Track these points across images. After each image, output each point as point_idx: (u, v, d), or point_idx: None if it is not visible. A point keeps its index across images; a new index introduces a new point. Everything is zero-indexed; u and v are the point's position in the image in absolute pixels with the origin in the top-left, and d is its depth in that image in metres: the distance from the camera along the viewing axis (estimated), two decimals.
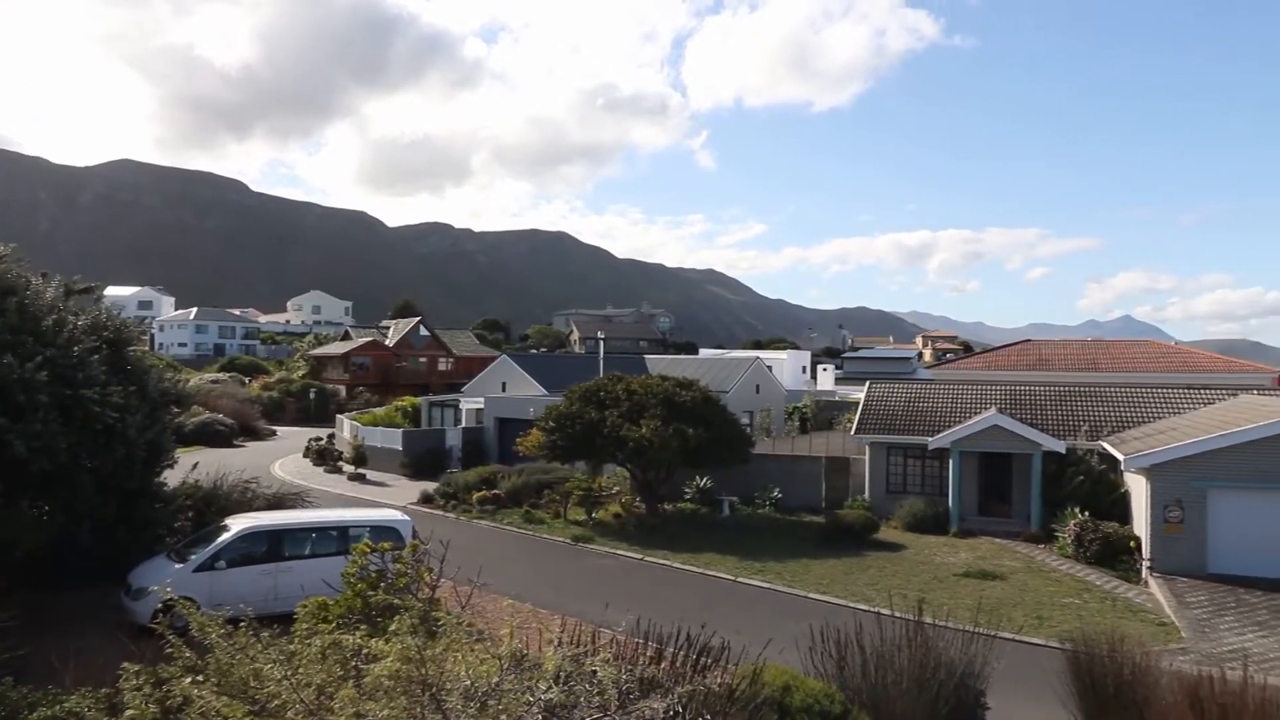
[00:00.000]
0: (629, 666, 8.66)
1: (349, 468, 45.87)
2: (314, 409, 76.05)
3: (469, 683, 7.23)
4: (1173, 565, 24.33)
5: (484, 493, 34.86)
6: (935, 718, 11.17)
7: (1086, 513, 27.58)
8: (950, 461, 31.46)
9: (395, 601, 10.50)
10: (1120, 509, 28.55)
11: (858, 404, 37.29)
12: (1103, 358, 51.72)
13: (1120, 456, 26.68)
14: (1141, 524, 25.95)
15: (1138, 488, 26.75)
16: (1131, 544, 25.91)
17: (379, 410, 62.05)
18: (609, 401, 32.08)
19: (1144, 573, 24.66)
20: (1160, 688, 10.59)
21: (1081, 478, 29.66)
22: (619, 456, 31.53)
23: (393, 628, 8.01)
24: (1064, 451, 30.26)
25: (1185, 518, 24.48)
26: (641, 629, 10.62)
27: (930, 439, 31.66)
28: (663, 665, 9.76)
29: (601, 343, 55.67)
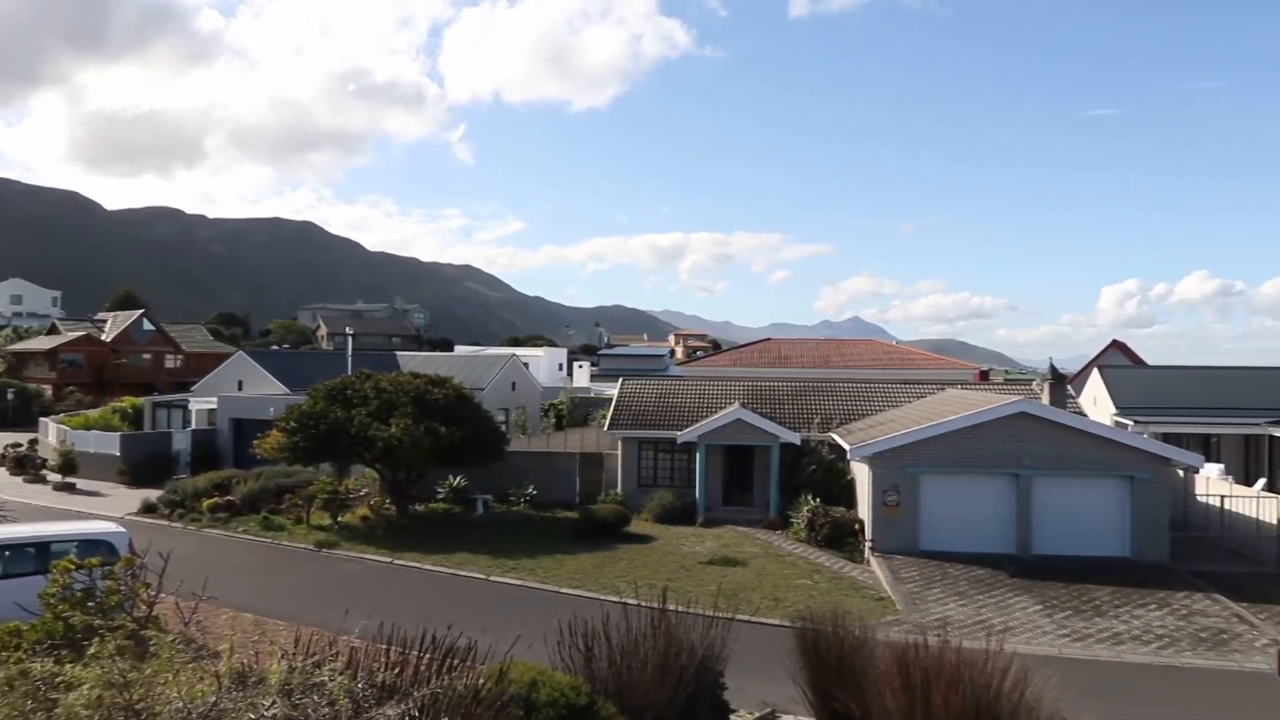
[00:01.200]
0: (365, 674, 8.26)
1: (55, 476, 41.10)
2: (12, 412, 67.67)
3: (182, 705, 6.60)
4: (891, 545, 26.67)
5: (216, 499, 32.40)
6: (677, 701, 11.52)
7: (818, 499, 29.67)
8: (697, 455, 32.80)
9: (98, 623, 9.43)
10: (848, 495, 30.94)
11: (612, 400, 38.05)
12: (834, 355, 55.96)
13: (847, 447, 28.93)
14: (865, 508, 28.25)
15: (862, 475, 29.10)
16: (856, 527, 28.16)
17: (93, 412, 56.10)
18: (357, 400, 30.77)
19: (867, 553, 26.86)
20: (876, 657, 11.51)
21: (814, 467, 31.89)
22: (367, 457, 30.33)
23: (91, 651, 7.18)
24: (799, 443, 32.42)
25: (901, 501, 26.90)
26: (384, 634, 10.19)
27: (679, 433, 32.86)
28: (405, 670, 9.40)
29: (350, 339, 53.35)
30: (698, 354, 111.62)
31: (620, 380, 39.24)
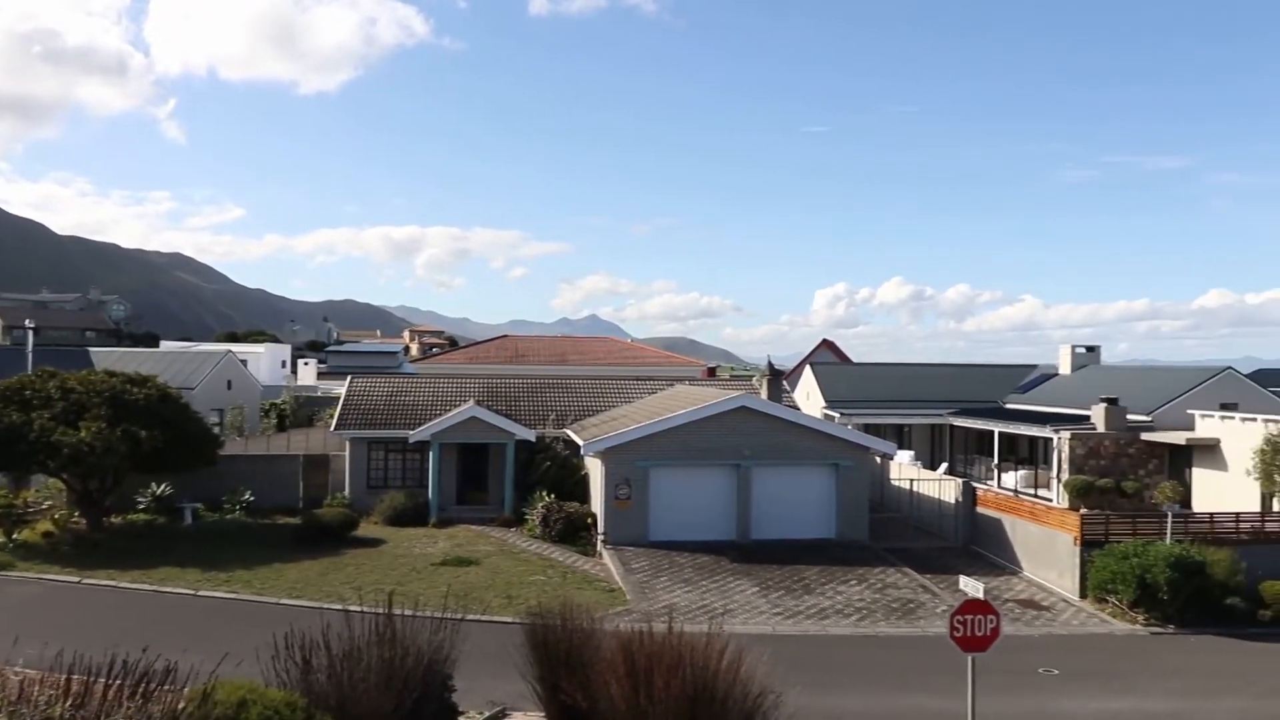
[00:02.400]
0: (34, 709, 7.24)
1: None
2: None
3: None
4: (623, 537, 27.36)
5: None
6: (402, 707, 11.11)
7: (553, 495, 29.88)
8: (431, 454, 32.01)
9: None
10: (582, 490, 31.40)
11: (340, 399, 36.28)
12: (571, 352, 56.70)
13: (581, 442, 29.36)
14: (598, 502, 28.80)
15: (595, 470, 29.63)
16: (589, 521, 28.63)
17: None
18: (38, 402, 27.24)
19: (599, 546, 27.39)
20: (603, 648, 11.70)
21: (549, 463, 32.09)
22: (51, 465, 26.94)
23: None
24: (534, 440, 32.50)
25: (632, 494, 27.67)
26: (64, 662, 9.00)
27: (411, 432, 31.91)
28: (89, 700, 8.36)
29: (31, 333, 47.21)
30: (433, 351, 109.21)
31: (349, 378, 37.53)
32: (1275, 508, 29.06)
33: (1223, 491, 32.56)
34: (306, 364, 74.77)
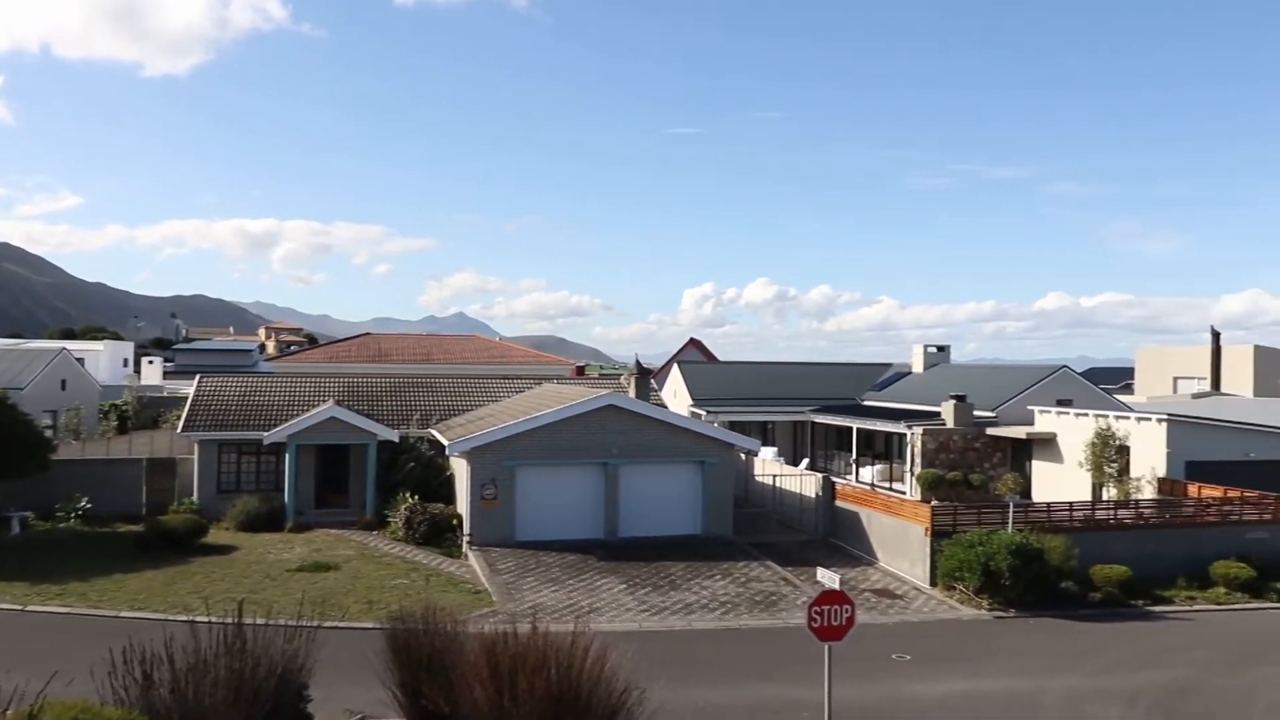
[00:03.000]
0: None
1: None
2: None
3: None
4: (489, 538, 26.99)
5: None
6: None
7: (417, 497, 29.18)
8: (287, 456, 30.76)
9: None
10: (447, 490, 30.80)
11: (188, 399, 34.42)
12: (436, 351, 55.56)
13: (446, 442, 28.80)
14: (464, 503, 28.30)
15: (461, 470, 29.12)
16: (455, 522, 28.13)
17: None
18: None
19: (465, 547, 26.93)
20: (466, 651, 11.48)
21: (413, 464, 31.34)
22: None
23: None
24: (398, 440, 31.68)
25: (499, 494, 27.32)
26: None
27: (266, 434, 30.59)
28: None
29: None
30: (291, 349, 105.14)
31: (198, 377, 35.68)
32: (1105, 497, 31.22)
33: (1059, 482, 34.77)
34: (151, 362, 70.58)
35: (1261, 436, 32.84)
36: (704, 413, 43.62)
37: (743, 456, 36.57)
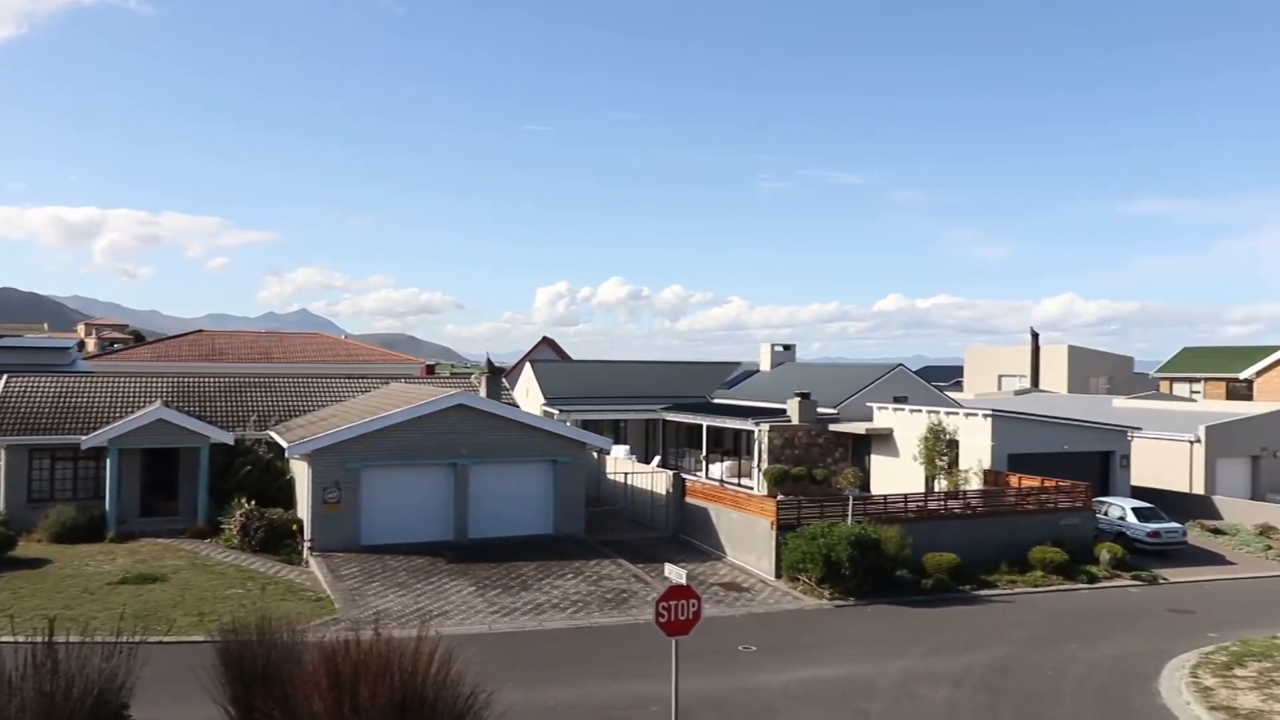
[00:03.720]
0: None
1: None
2: None
3: None
4: (332, 543, 26.01)
5: None
6: None
7: (254, 502, 27.78)
8: (108, 461, 28.73)
9: None
10: (287, 495, 29.49)
11: None
12: (276, 349, 53.10)
13: (285, 444, 27.55)
14: (305, 507, 27.17)
15: (302, 473, 27.95)
16: (295, 527, 26.94)
17: None
18: None
19: (306, 553, 25.85)
20: (305, 661, 10.98)
21: (250, 467, 29.83)
22: None
23: None
24: (233, 443, 30.10)
25: (343, 497, 26.38)
26: None
27: (84, 437, 28.46)
28: None
29: None
30: (114, 347, 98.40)
31: (4, 377, 32.85)
32: (937, 488, 32.96)
33: (895, 475, 36.50)
34: None
35: (1074, 430, 35.43)
36: (557, 411, 43.50)
37: (595, 455, 36.67)
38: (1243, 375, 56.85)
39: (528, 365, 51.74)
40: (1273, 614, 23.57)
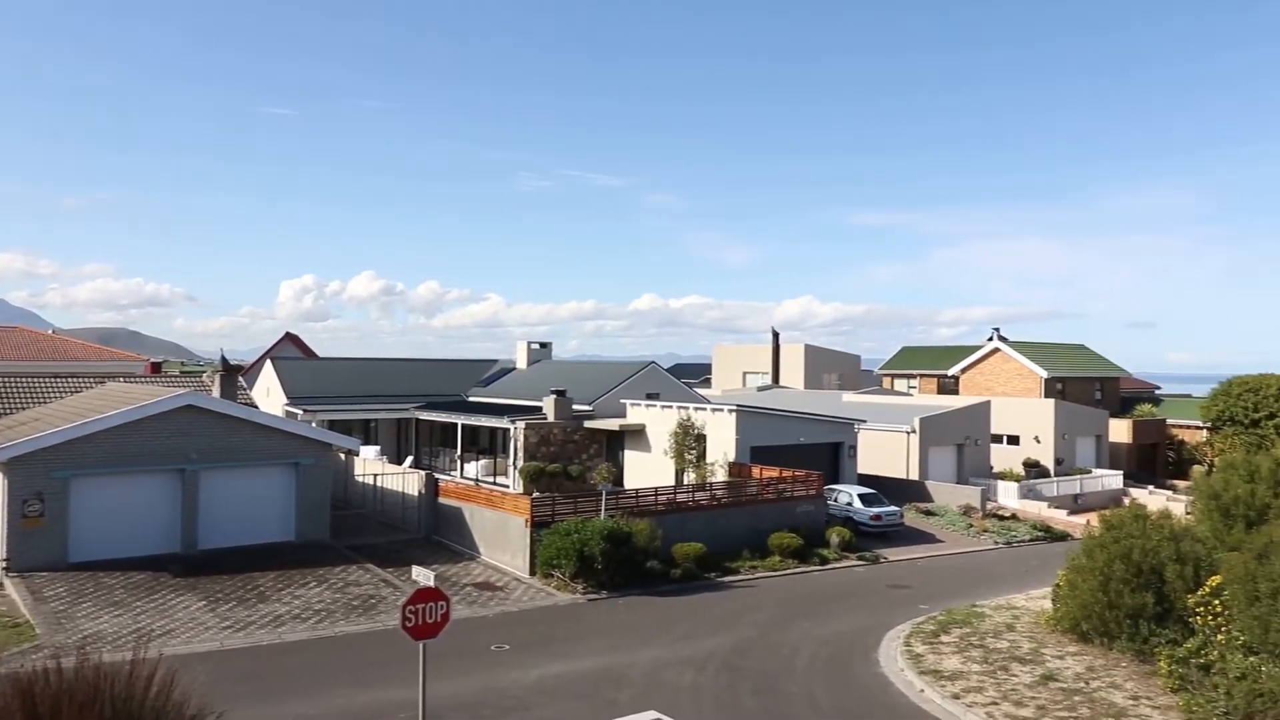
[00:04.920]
0: None
1: None
2: None
3: None
4: (34, 561, 23.22)
5: None
6: None
7: None
8: None
9: None
10: None
11: None
12: None
13: None
14: (0, 523, 24.05)
15: None
16: None
17: None
18: None
19: (1, 575, 22.88)
20: None
21: None
22: None
23: None
24: None
25: (47, 510, 23.60)
26: None
27: None
28: None
29: None
30: None
31: None
32: (686, 481, 34.26)
33: (648, 469, 37.58)
34: None
35: (809, 423, 38.02)
36: (301, 412, 41.21)
37: (342, 456, 35.10)
38: (950, 372, 63.42)
39: (268, 363, 48.63)
40: (973, 585, 26.41)
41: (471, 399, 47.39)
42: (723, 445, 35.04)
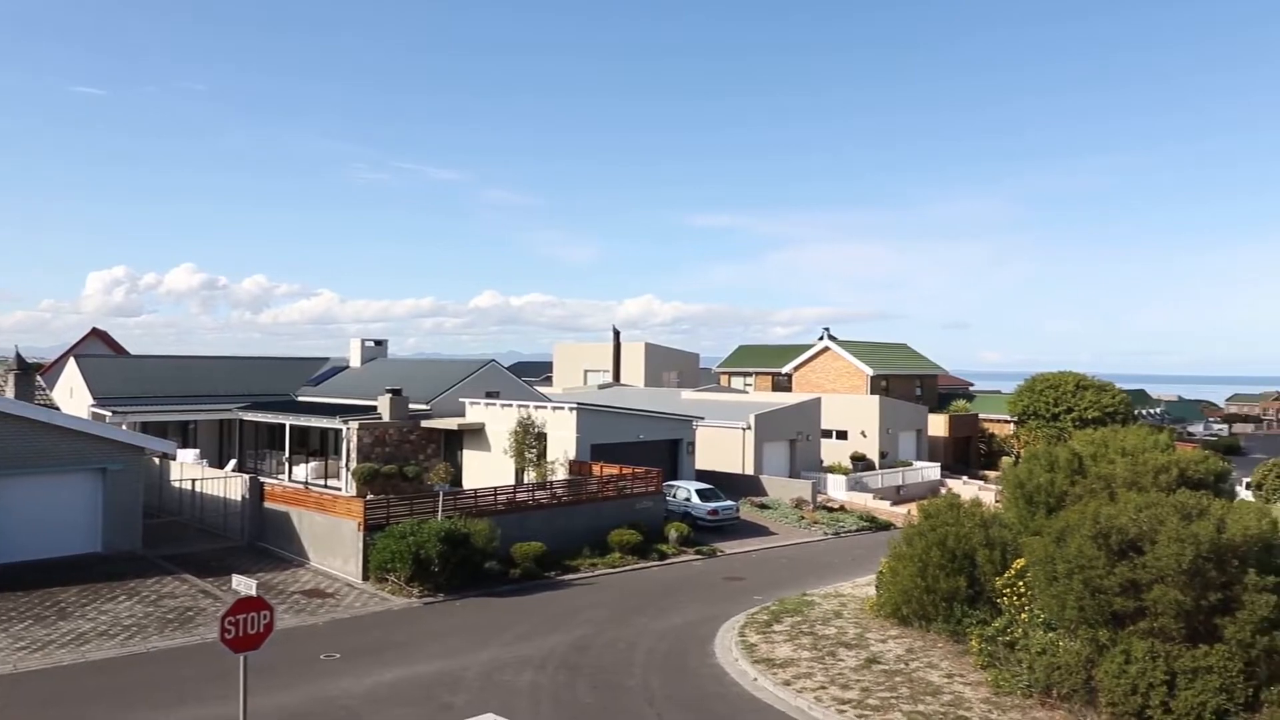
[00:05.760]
0: None
1: None
2: None
3: None
4: None
5: None
6: None
7: None
8: None
9: None
10: None
11: None
12: None
13: None
14: None
15: None
16: None
17: None
18: None
19: None
20: None
21: None
22: None
23: None
24: None
25: None
26: None
27: None
28: None
29: None
30: None
31: None
32: (526, 480, 33.96)
33: (487, 469, 37.05)
34: None
35: (649, 421, 38.48)
36: (109, 413, 38.36)
37: (156, 460, 32.90)
38: (784, 370, 65.71)
39: (72, 361, 45.03)
40: (804, 575, 27.39)
41: (301, 399, 45.41)
42: (563, 443, 34.96)
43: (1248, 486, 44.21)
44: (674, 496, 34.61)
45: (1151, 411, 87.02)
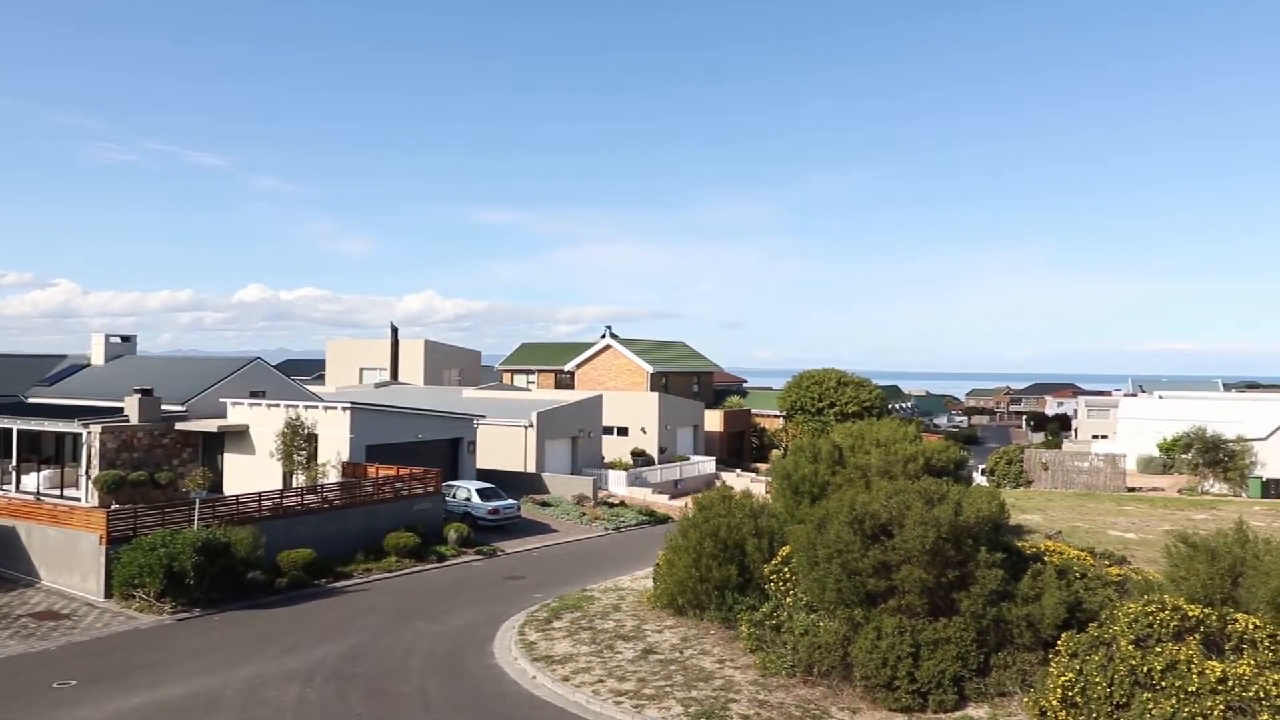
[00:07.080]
0: None
1: None
2: None
3: None
4: None
5: None
6: None
7: None
8: None
9: None
10: None
11: None
12: None
13: None
14: None
15: None
16: None
17: None
18: None
19: None
20: None
21: None
22: None
23: None
24: None
25: None
26: None
27: None
28: None
29: None
30: None
31: None
32: (295, 484, 32.18)
33: (252, 473, 34.78)
34: None
35: (428, 419, 37.52)
36: None
37: None
38: (567, 367, 66.09)
39: None
40: (584, 571, 27.60)
41: (33, 400, 40.87)
42: (336, 444, 33.42)
43: (982, 473, 48.94)
44: (454, 497, 33.94)
45: (903, 406, 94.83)
